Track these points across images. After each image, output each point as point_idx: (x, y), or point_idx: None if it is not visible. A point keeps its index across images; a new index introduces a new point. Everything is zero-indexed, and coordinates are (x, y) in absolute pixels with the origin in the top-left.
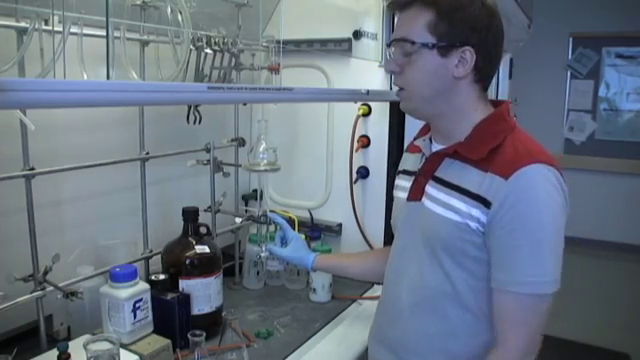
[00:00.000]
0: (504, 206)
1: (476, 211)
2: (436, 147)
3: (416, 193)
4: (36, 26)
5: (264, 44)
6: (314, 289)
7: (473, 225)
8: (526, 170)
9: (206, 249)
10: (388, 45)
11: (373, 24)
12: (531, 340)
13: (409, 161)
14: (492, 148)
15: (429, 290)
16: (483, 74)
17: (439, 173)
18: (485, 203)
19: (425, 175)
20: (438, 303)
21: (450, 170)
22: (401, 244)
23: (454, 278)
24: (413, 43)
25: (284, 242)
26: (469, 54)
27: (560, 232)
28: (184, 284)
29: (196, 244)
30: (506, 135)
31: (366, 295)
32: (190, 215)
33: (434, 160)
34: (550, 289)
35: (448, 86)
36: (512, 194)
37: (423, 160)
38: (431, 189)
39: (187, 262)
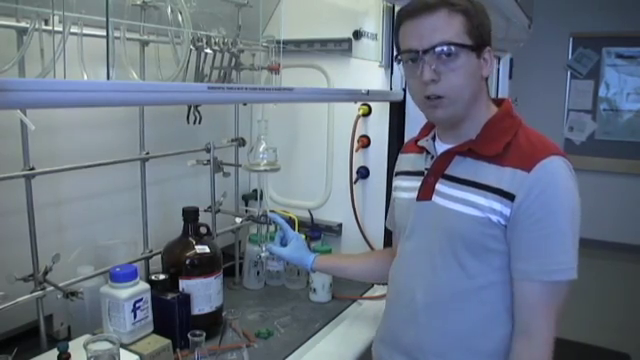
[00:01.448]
0: (529, 197)
1: (498, 204)
2: (442, 146)
3: (426, 192)
4: (36, 26)
5: (264, 44)
6: (314, 289)
7: (494, 219)
8: (546, 162)
9: (206, 249)
10: (425, 52)
11: (373, 24)
12: (557, 322)
13: (408, 162)
14: (507, 143)
15: (446, 288)
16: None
17: (450, 171)
18: (508, 196)
19: (435, 174)
20: (457, 301)
21: (462, 167)
22: (412, 244)
23: (474, 273)
24: (463, 46)
25: (284, 242)
26: (488, 54)
27: (579, 220)
28: (184, 284)
29: (196, 244)
30: (517, 130)
31: (366, 295)
32: (190, 215)
33: (444, 159)
34: (575, 274)
35: (479, 87)
36: (537, 185)
37: (429, 160)
38: (442, 187)
39: (187, 262)
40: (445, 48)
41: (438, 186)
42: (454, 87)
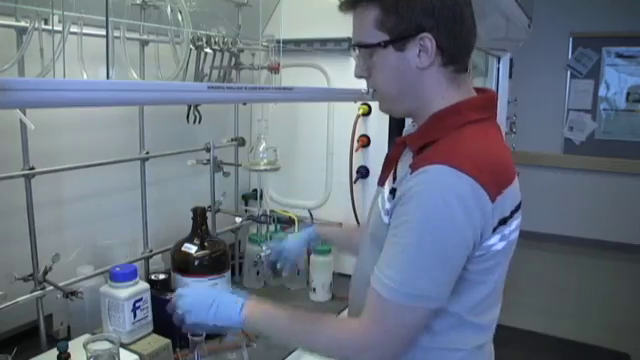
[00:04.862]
0: (401, 199)
1: (388, 202)
2: None
3: (381, 179)
4: (36, 25)
5: (264, 44)
6: (314, 289)
7: (382, 215)
8: (431, 169)
9: (215, 248)
10: (352, 49)
11: None
12: (384, 340)
13: None
14: (425, 144)
15: (364, 276)
16: (452, 55)
17: (399, 162)
18: (394, 193)
19: (389, 162)
20: (367, 289)
21: (404, 160)
22: (365, 232)
23: None
24: (367, 46)
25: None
26: (428, 40)
27: (445, 248)
28: (193, 283)
29: (205, 243)
30: (452, 131)
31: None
32: (200, 214)
33: (396, 148)
34: (408, 301)
35: (414, 79)
36: (410, 190)
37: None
38: (390, 177)
39: (196, 261)
40: (357, 49)
41: (389, 177)
42: (378, 83)
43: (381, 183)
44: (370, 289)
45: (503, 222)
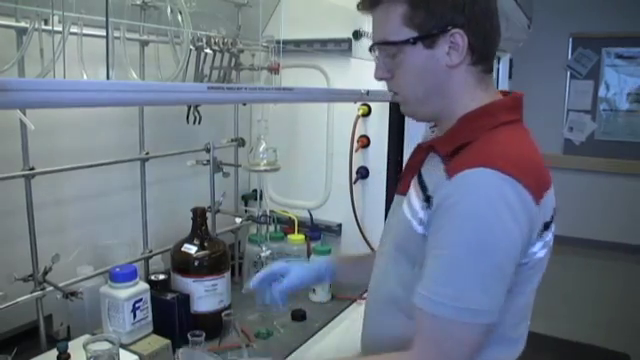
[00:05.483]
0: (441, 207)
1: (422, 211)
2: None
3: (403, 187)
4: (36, 26)
5: (264, 44)
6: (314, 289)
7: (415, 224)
8: (471, 173)
9: (215, 248)
10: (370, 50)
11: None
12: None
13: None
14: (459, 146)
15: (386, 290)
16: (481, 54)
17: (423, 168)
18: (428, 200)
19: (410, 169)
20: (389, 307)
21: (429, 165)
22: (382, 240)
23: (407, 282)
24: (393, 44)
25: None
26: (459, 37)
27: (496, 256)
28: (192, 283)
29: (205, 243)
30: (484, 132)
31: (366, 295)
32: (199, 215)
33: (418, 153)
34: (463, 317)
35: (442, 78)
36: (451, 197)
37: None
38: (413, 184)
39: (196, 262)
40: (384, 47)
41: (412, 183)
42: (402, 84)
43: (402, 191)
44: (417, 313)
45: (546, 227)
